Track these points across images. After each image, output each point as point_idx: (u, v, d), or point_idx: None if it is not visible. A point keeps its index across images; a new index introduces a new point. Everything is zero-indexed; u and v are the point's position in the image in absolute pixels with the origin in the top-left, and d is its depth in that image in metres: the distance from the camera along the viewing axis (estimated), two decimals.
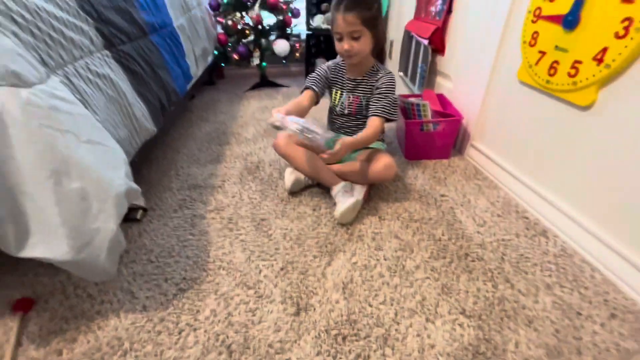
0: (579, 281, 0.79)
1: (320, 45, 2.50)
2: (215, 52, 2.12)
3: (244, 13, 2.04)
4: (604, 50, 0.75)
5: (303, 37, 2.32)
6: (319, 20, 2.25)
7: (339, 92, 1.13)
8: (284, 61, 2.18)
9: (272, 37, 2.13)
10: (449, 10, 1.41)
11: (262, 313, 0.73)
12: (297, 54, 2.16)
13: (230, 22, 2.00)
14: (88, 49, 0.78)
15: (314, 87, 1.09)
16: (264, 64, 2.16)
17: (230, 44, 2.07)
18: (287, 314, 0.73)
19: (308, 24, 2.26)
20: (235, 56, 2.05)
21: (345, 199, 0.98)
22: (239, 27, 2.01)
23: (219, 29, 2.11)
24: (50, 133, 0.55)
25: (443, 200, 1.10)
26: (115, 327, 0.70)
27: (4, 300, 0.76)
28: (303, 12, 2.21)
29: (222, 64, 2.20)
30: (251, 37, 2.08)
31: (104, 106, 0.76)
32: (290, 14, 2.10)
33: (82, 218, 0.59)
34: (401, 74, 1.94)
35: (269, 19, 2.11)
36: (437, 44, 1.48)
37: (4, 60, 0.52)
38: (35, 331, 0.70)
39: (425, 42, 1.48)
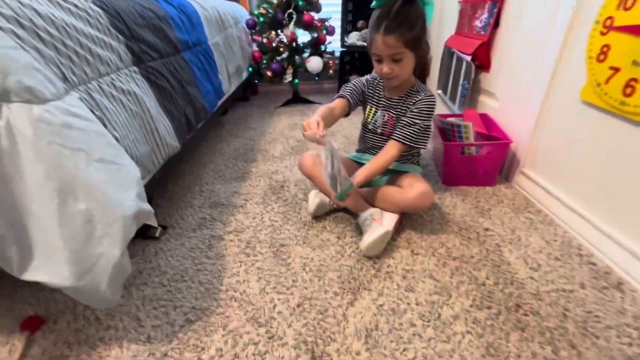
0: None
1: (354, 62, 2.45)
2: (250, 69, 2.15)
3: (279, 31, 2.06)
4: None
5: (337, 54, 2.29)
6: (354, 38, 2.22)
7: (374, 109, 1.05)
8: (317, 78, 2.16)
9: (306, 55, 2.12)
10: (496, 24, 1.29)
11: (272, 358, 0.64)
12: (331, 72, 2.13)
13: (265, 40, 2.02)
14: (116, 65, 0.77)
15: (348, 97, 1.02)
16: (296, 81, 2.15)
17: (264, 61, 2.09)
18: None
19: (343, 41, 2.23)
20: (269, 73, 2.06)
21: (374, 228, 0.88)
22: (274, 44, 2.03)
23: (254, 47, 2.14)
24: (59, 151, 0.53)
25: (487, 235, 0.95)
26: (116, 358, 0.65)
27: (17, 315, 0.74)
28: (338, 30, 2.18)
29: (256, 81, 2.23)
30: (285, 55, 2.08)
31: (125, 122, 0.74)
32: (324, 32, 2.08)
33: (85, 242, 0.55)
34: (439, 91, 1.83)
35: (303, 37, 2.11)
36: (482, 60, 1.36)
37: (20, 76, 0.51)
38: (37, 355, 0.66)
39: (468, 58, 1.37)
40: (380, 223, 0.92)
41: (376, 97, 1.04)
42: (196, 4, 1.39)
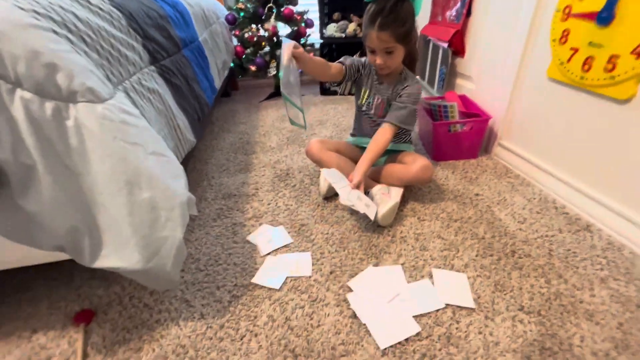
0: (633, 274, 0.79)
1: (332, 53, 2.53)
2: (232, 65, 2.16)
3: (259, 25, 2.09)
4: None
5: (317, 46, 2.36)
6: (332, 29, 2.30)
7: (367, 91, 1.14)
8: (300, 70, 2.22)
9: None
10: (468, 13, 1.44)
11: (320, 316, 0.73)
12: None
13: (247, 35, 2.05)
14: (139, 65, 0.80)
15: (347, 67, 1.10)
16: (280, 73, 2.20)
17: (246, 56, 2.11)
18: (345, 316, 0.73)
19: (321, 33, 2.30)
20: (252, 67, 2.09)
21: (385, 201, 0.99)
22: (255, 39, 2.06)
23: (235, 42, 2.16)
24: (122, 146, 0.57)
25: (478, 199, 1.10)
26: (177, 336, 0.71)
27: (63, 312, 0.77)
28: (316, 22, 2.25)
29: (240, 76, 2.24)
30: (267, 49, 2.12)
31: (155, 119, 0.78)
32: (304, 25, 2.14)
33: (151, 227, 0.60)
34: (418, 77, 1.96)
35: (283, 30, 2.15)
36: (457, 46, 1.50)
37: (82, 78, 0.55)
38: (99, 342, 0.71)
39: (445, 45, 1.51)
40: (388, 196, 1.03)
41: (370, 82, 1.14)
42: (184, 1, 1.40)
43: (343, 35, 2.29)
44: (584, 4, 0.91)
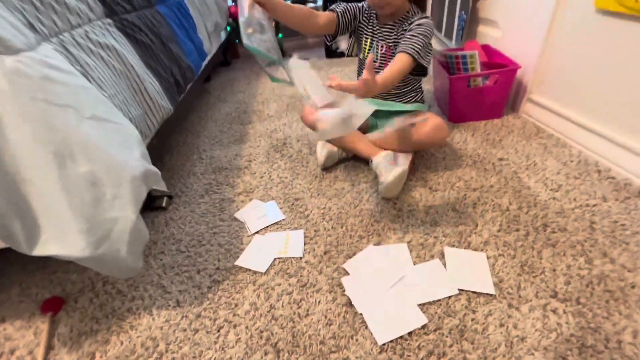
0: None
1: None
2: (228, 28, 1.99)
3: None
4: None
5: (320, 2, 2.13)
6: None
7: (369, 40, 0.96)
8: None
9: None
10: None
11: (309, 304, 0.63)
12: None
13: None
14: (87, 16, 0.68)
15: (339, 13, 0.90)
16: (279, 35, 2.01)
17: None
18: (338, 304, 0.63)
19: None
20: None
21: (390, 169, 0.85)
22: None
23: (230, 2, 1.97)
24: (45, 108, 0.46)
25: (503, 164, 0.94)
26: (148, 326, 0.63)
27: (34, 299, 0.71)
28: None
29: (237, 41, 2.07)
30: None
31: (111, 80, 0.67)
32: None
33: (95, 207, 0.50)
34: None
35: None
36: None
37: None
38: (66, 333, 0.64)
39: None
40: (395, 164, 0.88)
41: (370, 28, 0.96)
42: None
43: None
44: None
